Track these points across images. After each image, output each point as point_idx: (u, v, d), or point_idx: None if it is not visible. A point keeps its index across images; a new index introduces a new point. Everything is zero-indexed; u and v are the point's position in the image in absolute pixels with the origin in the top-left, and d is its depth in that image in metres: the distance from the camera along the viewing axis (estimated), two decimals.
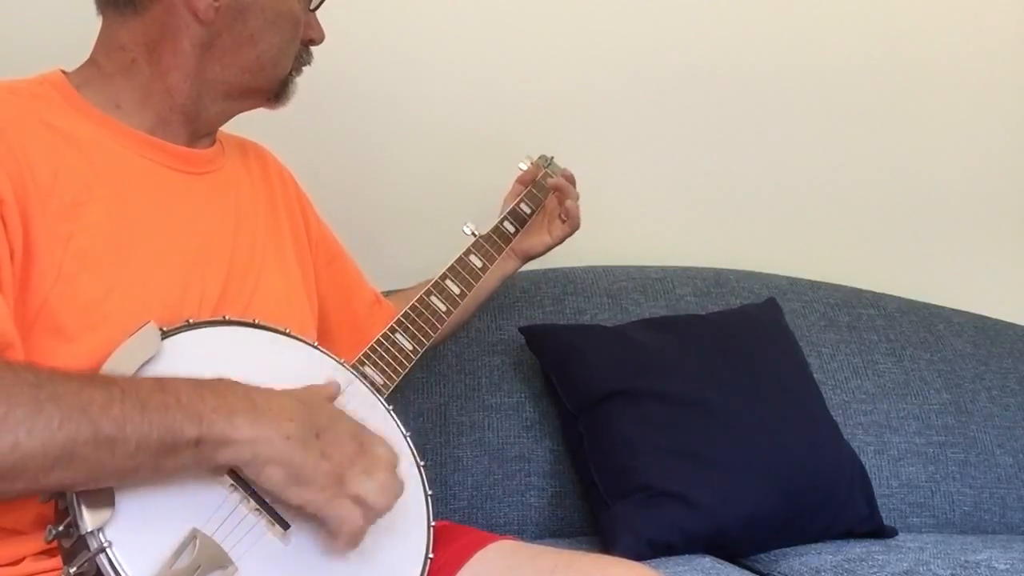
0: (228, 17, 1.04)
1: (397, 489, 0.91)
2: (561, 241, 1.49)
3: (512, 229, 1.43)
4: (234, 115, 1.14)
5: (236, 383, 0.86)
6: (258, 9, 1.05)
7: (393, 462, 0.92)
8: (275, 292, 1.10)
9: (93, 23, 1.05)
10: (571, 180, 1.51)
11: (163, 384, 0.83)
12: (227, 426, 0.82)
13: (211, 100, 1.08)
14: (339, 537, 0.88)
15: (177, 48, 1.03)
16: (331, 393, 0.98)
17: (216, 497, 0.85)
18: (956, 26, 2.09)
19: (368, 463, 0.89)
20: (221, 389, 0.84)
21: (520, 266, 1.51)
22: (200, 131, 1.09)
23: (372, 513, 0.88)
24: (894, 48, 2.06)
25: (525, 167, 1.51)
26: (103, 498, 0.79)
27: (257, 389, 0.87)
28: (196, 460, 0.82)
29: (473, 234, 1.36)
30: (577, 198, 1.49)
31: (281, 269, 1.14)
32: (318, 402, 0.93)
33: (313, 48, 1.17)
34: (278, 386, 0.91)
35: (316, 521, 0.88)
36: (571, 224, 1.48)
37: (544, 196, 1.50)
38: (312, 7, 1.14)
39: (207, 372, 0.86)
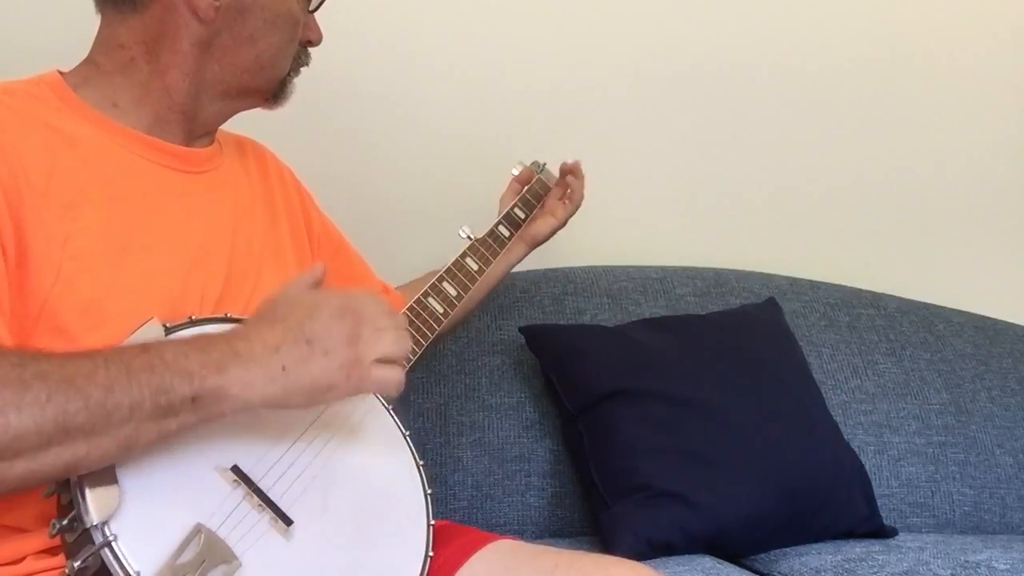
0: (228, 17, 1.04)
1: (403, 324, 0.95)
2: (565, 222, 1.52)
3: (507, 233, 1.44)
4: (232, 115, 1.14)
5: (213, 335, 0.86)
6: (258, 9, 1.06)
7: (385, 308, 0.94)
8: (274, 289, 1.10)
9: (91, 23, 1.05)
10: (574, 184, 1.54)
11: (145, 347, 0.83)
12: (219, 379, 0.82)
13: (209, 99, 1.08)
14: (390, 394, 0.93)
15: (176, 47, 1.03)
16: (310, 279, 0.97)
17: (220, 493, 0.86)
18: (956, 26, 2.09)
19: (368, 326, 0.91)
20: (202, 344, 0.84)
21: (527, 252, 1.52)
22: (198, 130, 1.10)
23: (402, 361, 0.93)
24: (894, 48, 2.06)
25: (517, 172, 1.52)
26: (108, 492, 0.80)
27: (236, 335, 0.87)
28: (199, 417, 0.82)
29: (469, 237, 1.37)
30: (583, 179, 1.54)
31: (280, 266, 1.14)
32: (293, 308, 0.91)
33: (312, 49, 1.17)
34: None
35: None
36: (573, 203, 1.52)
37: (537, 201, 1.51)
38: (311, 8, 1.14)
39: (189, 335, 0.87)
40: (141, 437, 0.80)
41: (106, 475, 0.80)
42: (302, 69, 1.17)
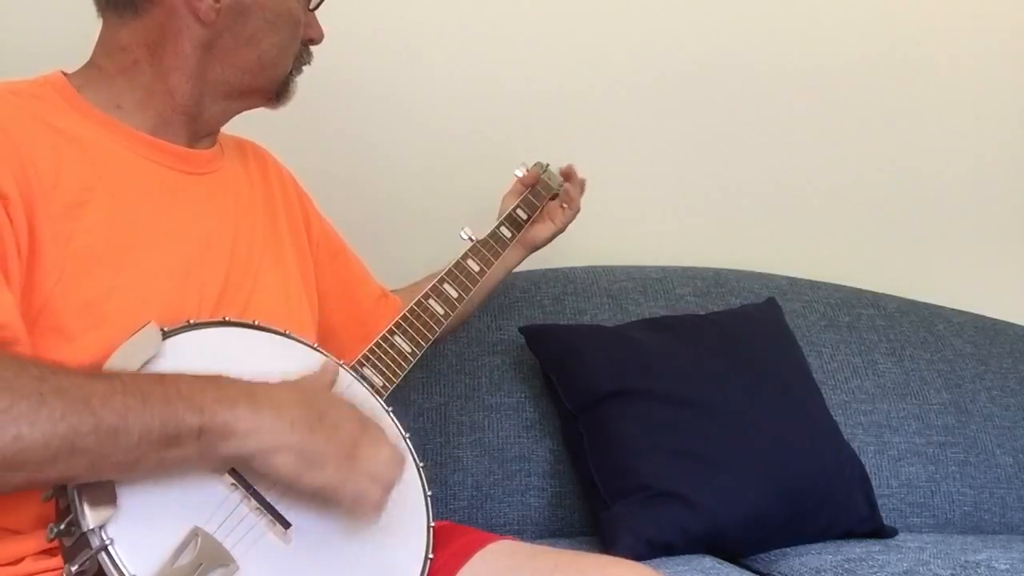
0: (229, 18, 1.04)
1: (403, 459, 0.94)
2: (564, 228, 1.53)
3: (508, 234, 1.43)
4: (235, 115, 1.14)
5: (234, 378, 0.87)
6: (258, 9, 1.06)
7: (389, 436, 0.95)
8: (273, 292, 1.10)
9: (93, 24, 1.05)
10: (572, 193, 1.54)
11: (162, 378, 0.83)
12: (229, 416, 0.82)
13: (212, 100, 1.08)
14: (360, 514, 0.90)
15: (178, 49, 1.03)
16: (329, 379, 0.99)
17: (217, 496, 0.85)
18: (956, 26, 2.09)
19: (372, 438, 0.92)
20: (220, 382, 0.85)
21: (525, 256, 1.53)
22: (201, 131, 1.10)
23: (389, 484, 0.91)
24: (894, 48, 2.06)
25: (521, 174, 1.52)
26: (105, 496, 0.80)
27: (255, 382, 0.87)
28: (199, 452, 0.82)
29: (470, 239, 1.37)
30: (580, 186, 1.54)
31: (279, 269, 1.14)
32: (315, 387, 0.94)
33: (313, 49, 1.18)
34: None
35: (332, 503, 0.89)
36: (572, 208, 1.52)
37: (540, 202, 1.51)
38: (311, 7, 1.15)
39: (208, 372, 0.86)
40: (141, 464, 0.80)
41: (104, 480, 0.80)
42: (304, 68, 1.17)
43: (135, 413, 0.78)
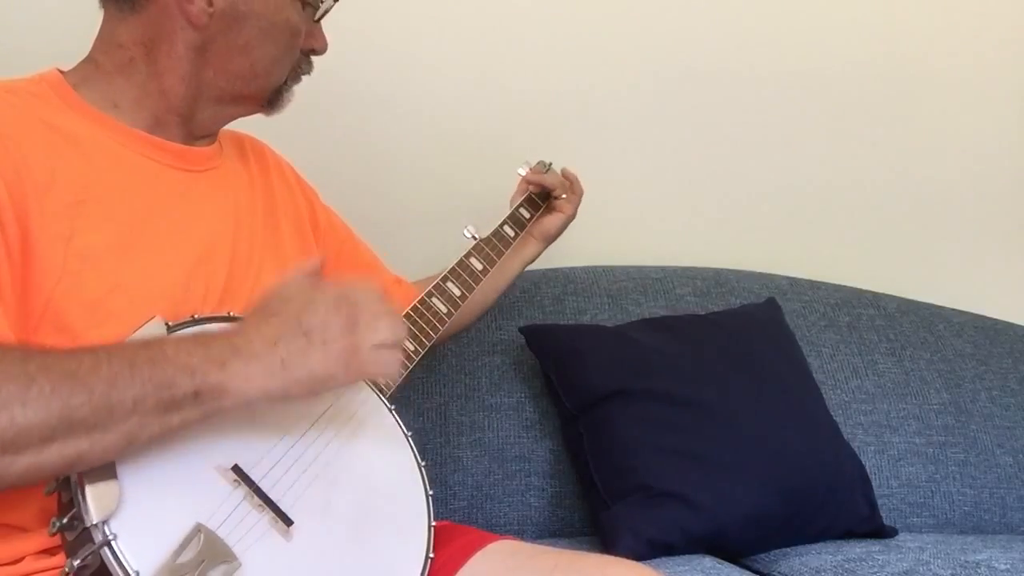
0: (223, 24, 1.04)
1: (398, 315, 0.96)
2: (574, 214, 1.53)
3: (512, 233, 1.44)
4: (229, 120, 1.14)
5: (213, 333, 0.87)
6: (254, 18, 1.05)
7: (378, 295, 0.95)
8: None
9: (92, 23, 1.05)
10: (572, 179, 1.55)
11: (147, 344, 0.84)
12: (221, 374, 0.83)
13: (205, 104, 1.08)
14: (389, 380, 0.95)
15: (172, 51, 1.03)
16: (311, 270, 0.98)
17: (220, 492, 0.85)
18: (956, 26, 2.09)
19: (364, 313, 0.91)
20: (202, 340, 0.85)
21: (543, 249, 1.54)
22: (196, 132, 1.10)
23: (398, 343, 0.93)
24: (894, 49, 2.06)
25: (524, 173, 1.52)
26: (108, 491, 0.80)
27: (234, 331, 0.88)
28: (202, 413, 0.83)
29: (473, 237, 1.37)
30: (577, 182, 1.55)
31: (279, 263, 1.13)
32: (289, 301, 0.92)
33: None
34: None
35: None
36: (576, 190, 1.53)
37: (543, 201, 1.51)
38: (316, 18, 1.14)
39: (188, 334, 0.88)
40: (144, 432, 0.80)
41: (106, 473, 0.80)
42: (303, 77, 1.16)
43: (124, 379, 0.79)
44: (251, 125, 1.20)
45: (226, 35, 1.04)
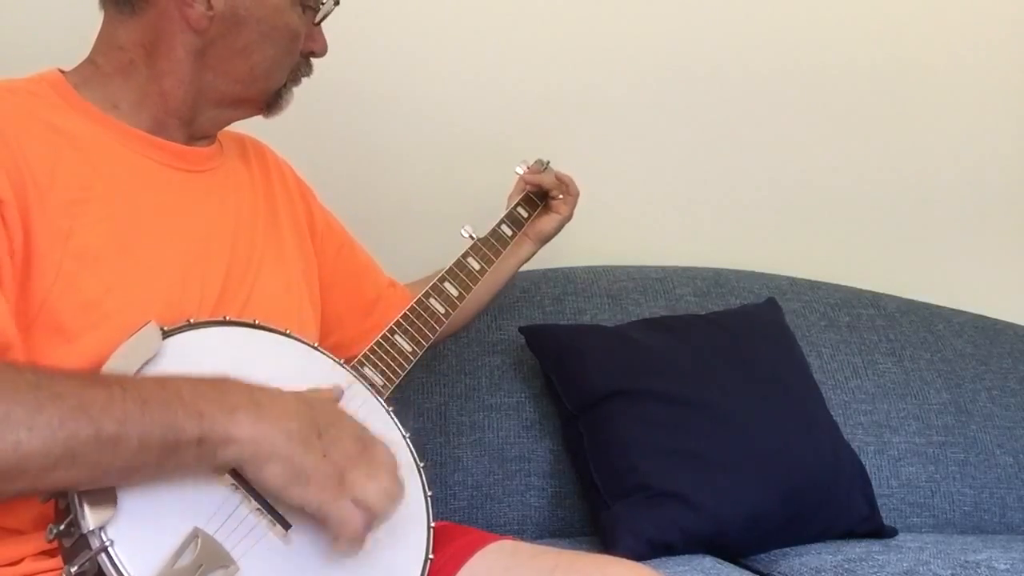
0: (222, 27, 1.03)
1: (398, 493, 0.90)
2: (570, 216, 1.52)
3: (509, 232, 1.43)
4: (229, 122, 1.14)
5: (237, 381, 0.86)
6: (253, 22, 1.05)
7: (394, 465, 0.92)
8: (274, 289, 1.10)
9: (92, 23, 1.05)
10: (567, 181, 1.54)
11: (164, 383, 0.83)
12: (229, 423, 0.82)
13: (205, 106, 1.07)
14: (339, 539, 0.87)
15: (172, 54, 1.02)
16: (334, 396, 0.98)
17: (218, 497, 0.85)
18: (956, 26, 2.09)
19: (370, 465, 0.89)
20: (222, 387, 0.84)
21: (537, 249, 1.53)
22: (196, 134, 1.09)
23: (373, 517, 0.88)
24: (894, 48, 2.06)
25: (522, 171, 1.52)
26: (105, 497, 0.79)
27: (259, 387, 0.87)
28: (198, 458, 0.82)
29: (471, 237, 1.37)
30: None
31: (280, 265, 1.14)
32: (320, 402, 0.92)
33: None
34: (280, 387, 0.90)
35: (316, 522, 0.87)
36: (571, 191, 1.52)
37: (540, 200, 1.51)
38: (316, 21, 1.13)
39: (208, 372, 0.86)
40: (141, 471, 0.80)
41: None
42: (303, 79, 1.16)
43: (134, 421, 0.78)
44: (251, 125, 1.20)
45: (225, 38, 1.04)
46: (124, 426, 0.77)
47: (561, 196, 1.51)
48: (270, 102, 1.13)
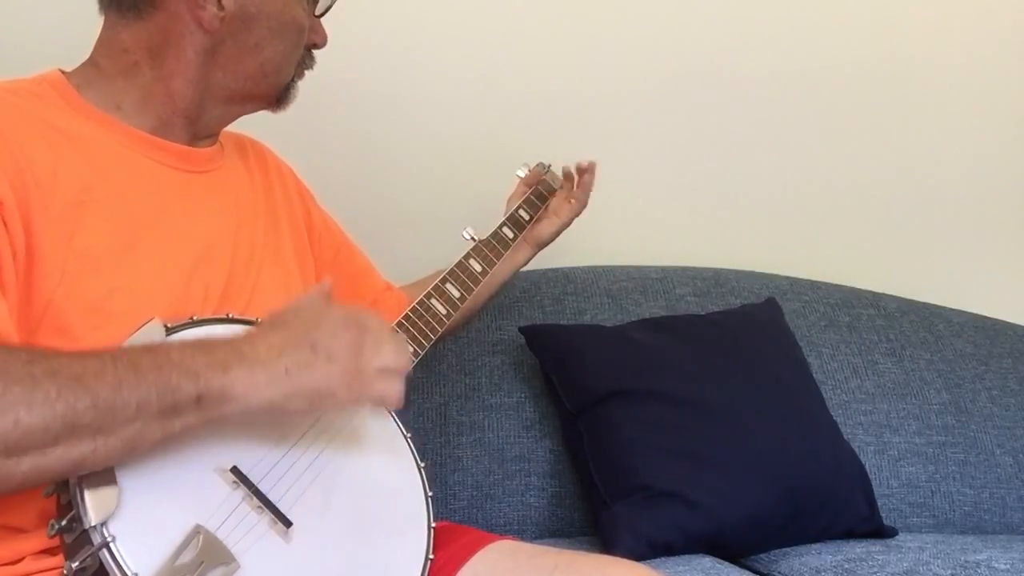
0: (233, 26, 1.04)
1: (405, 345, 0.98)
2: (570, 222, 1.52)
3: (511, 234, 1.43)
4: (236, 118, 1.14)
5: (219, 338, 0.87)
6: (263, 18, 1.05)
7: (386, 324, 0.97)
8: (275, 289, 1.10)
9: (93, 23, 1.05)
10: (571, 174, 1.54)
11: (151, 348, 0.84)
12: (224, 380, 0.83)
13: (213, 104, 1.08)
14: (389, 407, 0.95)
15: (180, 55, 1.03)
16: (324, 294, 0.99)
17: (219, 494, 0.85)
18: (956, 26, 2.09)
19: (371, 337, 0.92)
20: (208, 346, 0.85)
21: (533, 254, 1.52)
22: (201, 132, 1.10)
23: (401, 373, 0.95)
24: (894, 49, 2.06)
25: (523, 174, 1.52)
26: (107, 493, 0.80)
27: (241, 339, 0.88)
28: (202, 418, 0.83)
29: (472, 238, 1.37)
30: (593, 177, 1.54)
31: (280, 266, 1.14)
32: (299, 316, 0.92)
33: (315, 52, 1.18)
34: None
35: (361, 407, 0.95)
36: (580, 202, 1.52)
37: (542, 203, 1.51)
38: (317, 13, 1.14)
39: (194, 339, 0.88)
40: (146, 437, 0.80)
41: (105, 476, 0.80)
42: (307, 72, 1.17)
43: (129, 385, 0.79)
44: (252, 126, 1.20)
45: (236, 37, 1.05)
46: (120, 391, 0.78)
47: (572, 200, 1.51)
48: (280, 96, 1.14)
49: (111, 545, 0.78)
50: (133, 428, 0.79)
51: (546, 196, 1.51)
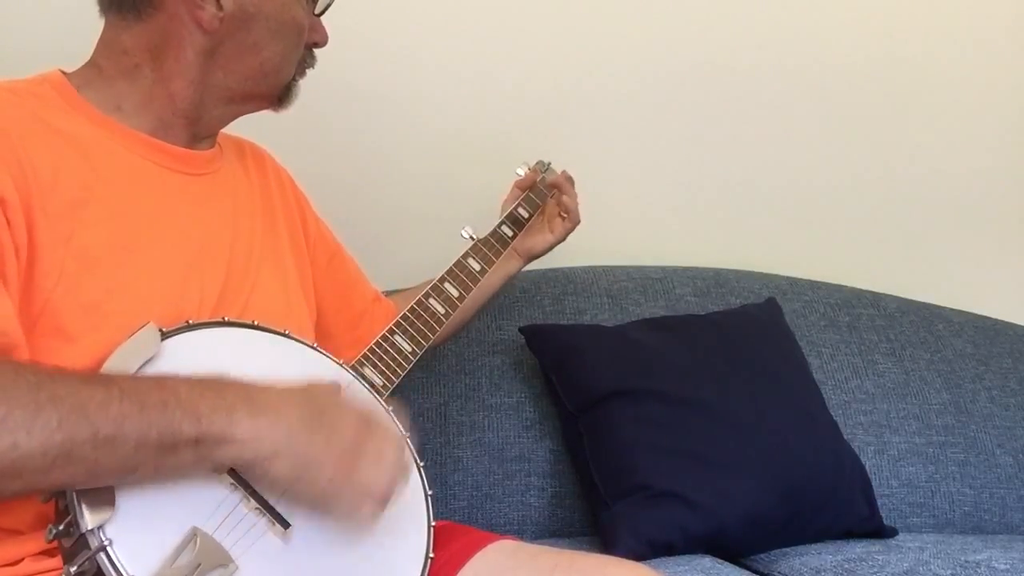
0: (232, 26, 1.04)
1: (407, 472, 0.93)
2: (563, 238, 1.51)
3: (510, 233, 1.43)
4: (236, 118, 1.14)
5: (233, 380, 0.86)
6: (262, 18, 1.05)
7: (400, 438, 0.93)
8: (272, 292, 1.10)
9: (94, 24, 1.05)
10: (569, 181, 1.52)
11: (161, 383, 0.83)
12: (226, 424, 0.82)
13: (213, 104, 1.08)
14: (354, 523, 0.90)
15: (180, 55, 1.03)
16: (333, 389, 0.98)
17: (216, 496, 0.85)
18: (956, 26, 2.09)
19: (376, 445, 0.90)
20: (219, 387, 0.84)
21: (523, 265, 1.52)
22: (201, 133, 1.10)
23: (385, 498, 0.89)
24: (894, 48, 2.06)
25: (522, 173, 1.51)
26: (104, 497, 0.80)
27: (255, 385, 0.87)
28: (196, 459, 0.82)
29: (471, 238, 1.37)
30: (575, 197, 1.51)
31: (278, 270, 1.14)
32: (318, 390, 0.92)
33: (315, 50, 1.18)
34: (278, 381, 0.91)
35: (327, 511, 0.89)
36: (571, 220, 1.50)
37: (542, 201, 1.51)
38: (317, 12, 1.14)
39: (206, 372, 0.86)
40: (138, 470, 0.80)
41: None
42: (307, 71, 1.17)
43: (132, 421, 0.78)
44: (251, 127, 1.20)
45: (235, 37, 1.05)
46: (121, 427, 0.78)
47: (564, 215, 1.50)
48: (281, 96, 1.14)
49: (108, 549, 0.78)
50: (129, 462, 0.79)
51: (546, 195, 1.51)
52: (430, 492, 1.04)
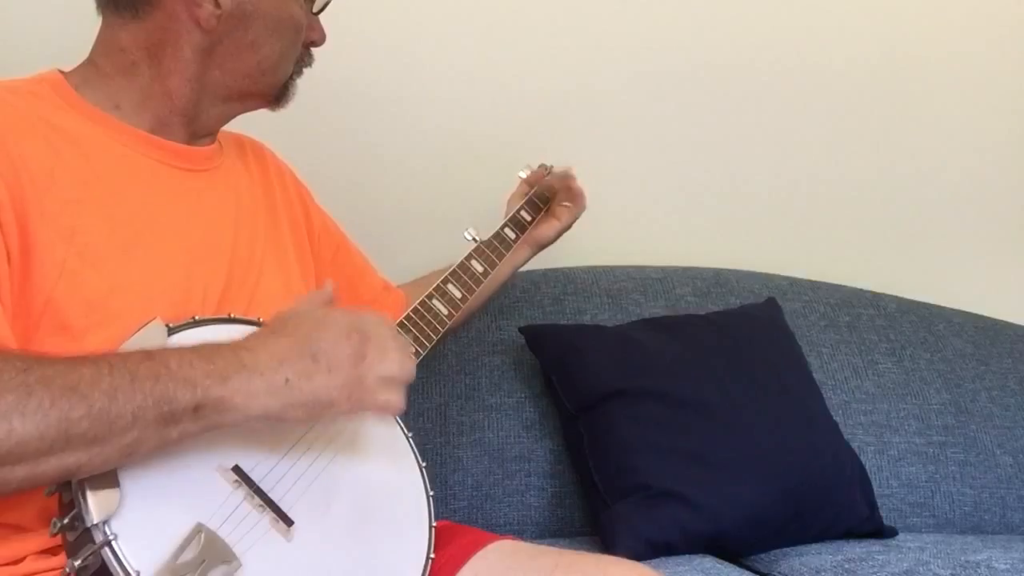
0: (230, 25, 1.04)
1: (410, 350, 0.97)
2: (570, 225, 1.51)
3: (512, 235, 1.43)
4: (234, 116, 1.14)
5: (220, 345, 0.86)
6: (260, 16, 1.06)
7: (391, 330, 0.96)
8: (276, 288, 1.11)
9: (92, 23, 1.05)
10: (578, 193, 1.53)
11: (150, 354, 0.83)
12: (223, 390, 0.82)
13: (211, 102, 1.08)
14: (391, 415, 0.97)
15: (178, 54, 1.03)
16: (326, 297, 0.99)
17: (221, 493, 0.85)
18: (956, 25, 2.09)
19: (374, 346, 0.91)
20: (208, 353, 0.84)
21: (532, 255, 1.52)
22: (200, 131, 1.10)
23: (404, 382, 0.94)
24: (894, 48, 2.06)
25: (525, 175, 1.52)
26: (109, 491, 0.80)
27: (242, 345, 0.87)
28: (200, 427, 0.83)
29: (474, 239, 1.37)
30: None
31: (281, 265, 1.14)
32: (301, 323, 0.91)
33: (317, 49, 1.18)
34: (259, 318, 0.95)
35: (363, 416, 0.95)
36: (578, 205, 1.50)
37: (543, 203, 1.51)
38: (315, 10, 1.14)
39: (195, 342, 0.87)
40: (142, 445, 0.80)
41: (107, 475, 0.80)
42: (305, 70, 1.17)
43: (125, 393, 0.78)
44: (251, 125, 1.20)
45: (233, 35, 1.05)
46: (114, 399, 0.78)
47: (567, 203, 1.51)
48: (278, 94, 1.14)
49: (113, 543, 0.78)
50: (129, 436, 0.79)
51: (548, 197, 1.51)
52: (431, 493, 1.04)
